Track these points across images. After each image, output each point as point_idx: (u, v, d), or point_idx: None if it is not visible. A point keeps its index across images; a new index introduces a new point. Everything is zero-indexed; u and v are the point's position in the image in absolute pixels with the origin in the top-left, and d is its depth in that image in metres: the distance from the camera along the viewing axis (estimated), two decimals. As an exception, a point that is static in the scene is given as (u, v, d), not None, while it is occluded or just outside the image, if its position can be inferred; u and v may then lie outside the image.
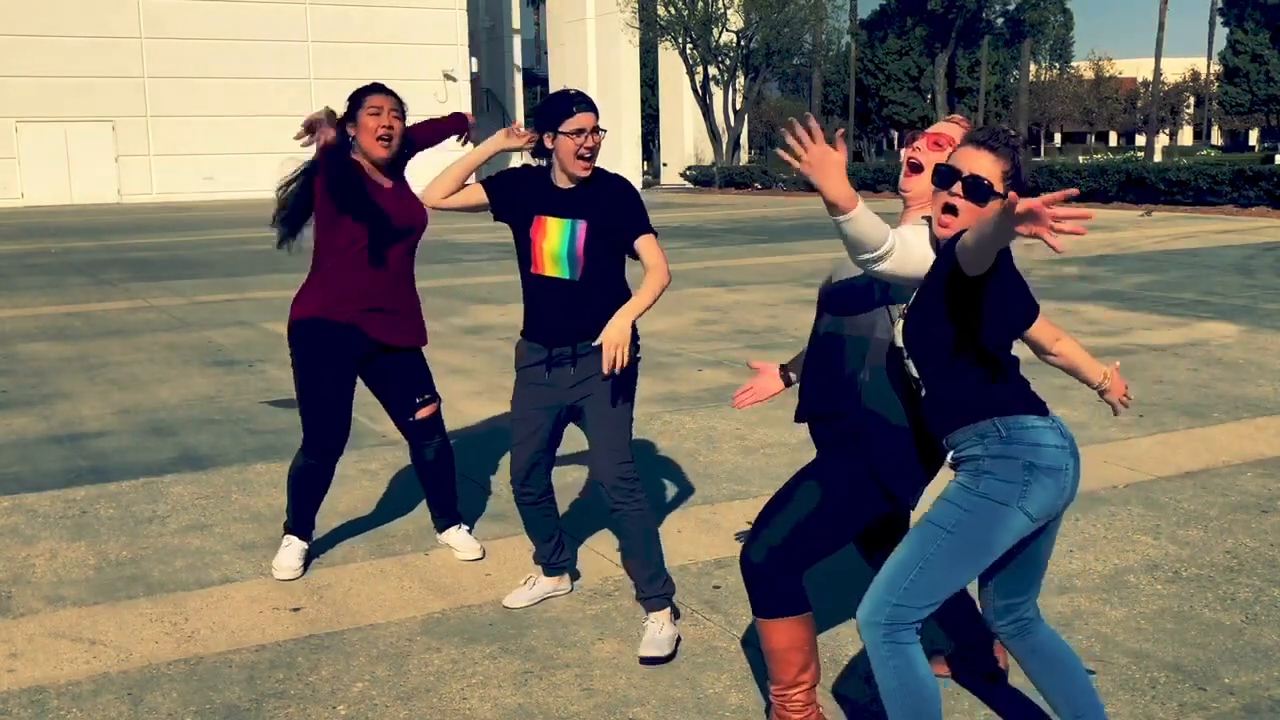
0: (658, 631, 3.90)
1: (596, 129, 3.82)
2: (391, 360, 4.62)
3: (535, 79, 67.96)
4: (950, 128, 3.11)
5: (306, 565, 4.73)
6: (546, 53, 62.42)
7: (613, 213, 3.83)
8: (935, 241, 2.94)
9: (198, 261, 18.30)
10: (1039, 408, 2.87)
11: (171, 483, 6.03)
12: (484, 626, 4.17)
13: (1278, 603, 4.25)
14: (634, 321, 3.74)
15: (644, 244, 3.85)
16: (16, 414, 7.72)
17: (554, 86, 56.54)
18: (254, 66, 43.59)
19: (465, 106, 46.38)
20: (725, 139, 46.15)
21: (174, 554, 4.95)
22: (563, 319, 3.88)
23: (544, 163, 3.90)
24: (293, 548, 4.65)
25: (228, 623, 4.21)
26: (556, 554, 4.30)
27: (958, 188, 2.84)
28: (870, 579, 4.42)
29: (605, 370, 3.67)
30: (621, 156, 51.60)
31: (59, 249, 21.19)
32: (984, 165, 2.84)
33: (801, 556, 3.12)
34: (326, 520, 5.37)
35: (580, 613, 4.27)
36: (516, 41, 55.39)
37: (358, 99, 4.47)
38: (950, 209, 2.85)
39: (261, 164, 43.86)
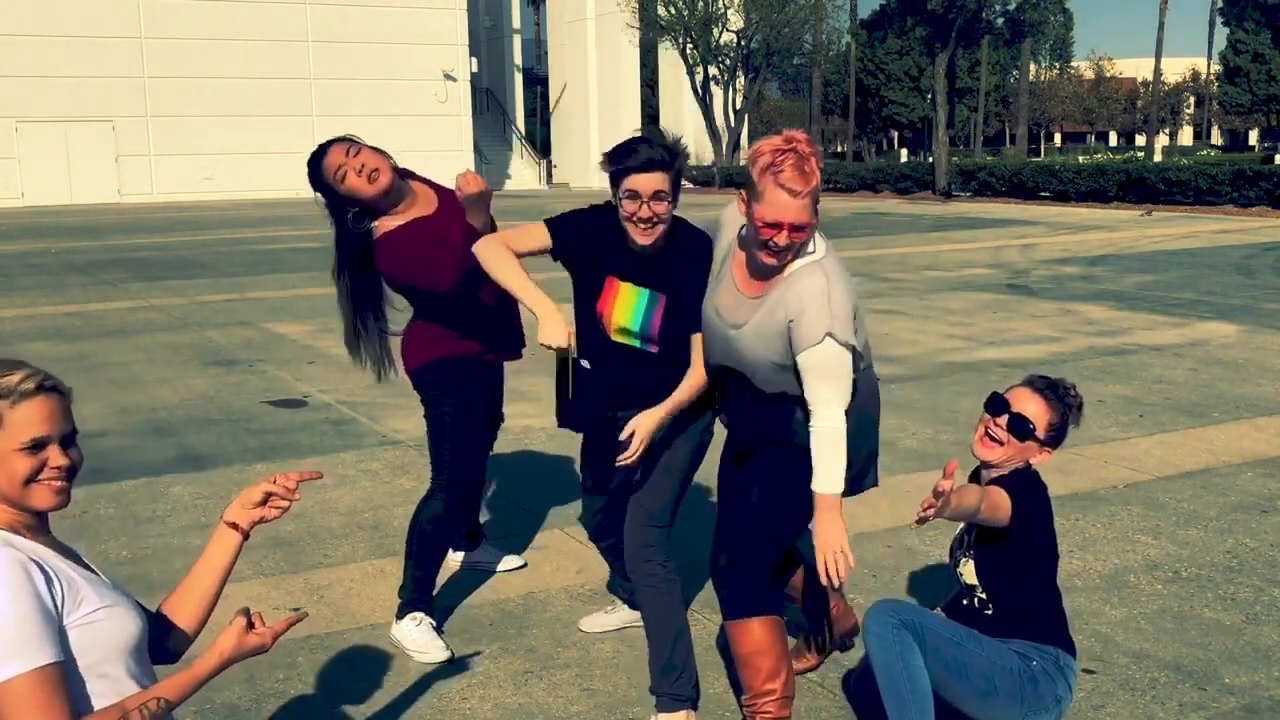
0: None
1: (660, 195, 3.11)
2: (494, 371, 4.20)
3: (535, 79, 67.93)
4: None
5: (301, 569, 4.73)
6: (546, 53, 62.42)
7: (684, 287, 3.26)
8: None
9: (198, 261, 18.29)
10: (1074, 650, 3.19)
11: (171, 483, 6.02)
12: (484, 626, 4.16)
13: (1278, 603, 4.25)
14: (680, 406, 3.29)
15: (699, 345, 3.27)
16: (16, 414, 7.70)
17: (554, 87, 56.52)
18: (254, 66, 43.54)
19: (465, 106, 46.36)
20: (725, 139, 46.13)
21: (174, 554, 4.94)
22: (634, 386, 3.34)
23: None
24: (425, 624, 3.96)
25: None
26: None
27: (1003, 419, 3.10)
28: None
29: (622, 459, 3.16)
30: (621, 156, 51.50)
31: (59, 249, 21.19)
32: (1033, 409, 3.11)
33: (763, 558, 3.16)
34: (326, 520, 5.37)
35: (580, 612, 4.27)
36: (516, 41, 55.34)
37: (317, 177, 3.83)
38: (994, 438, 3.12)
39: (261, 164, 43.84)
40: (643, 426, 3.16)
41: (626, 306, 3.25)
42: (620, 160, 3.11)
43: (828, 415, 2.95)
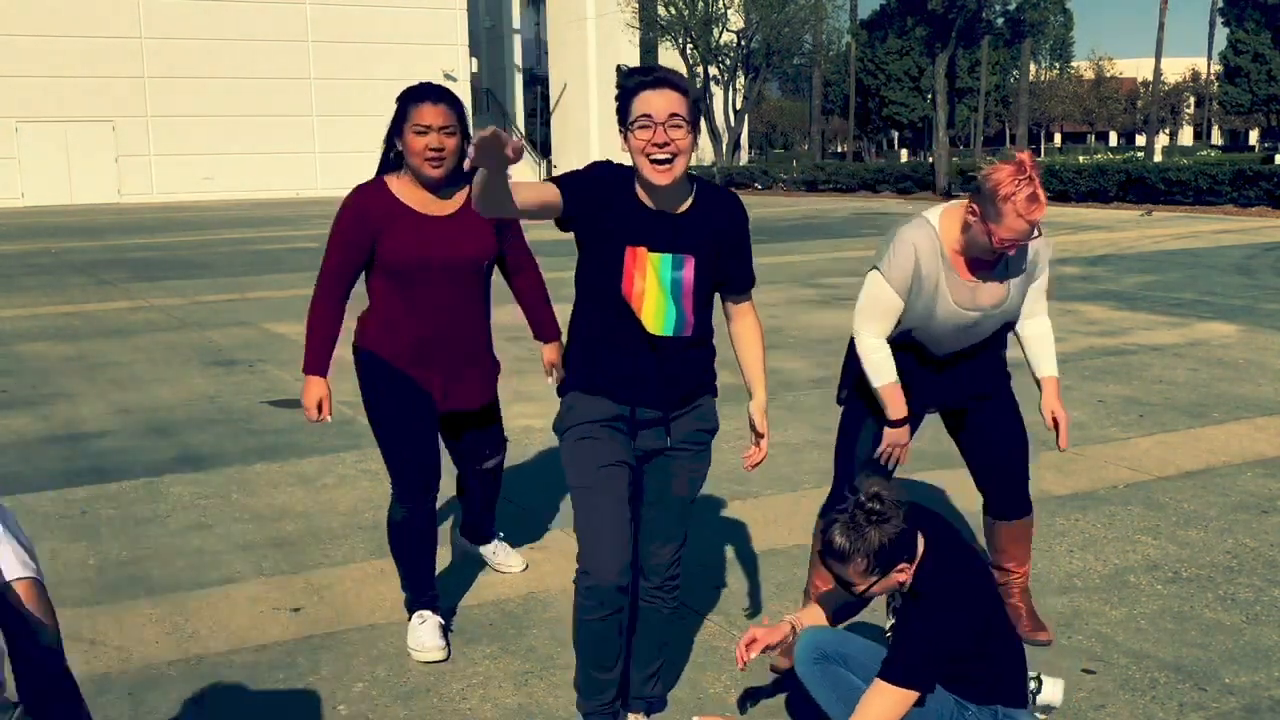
0: None
1: (676, 120, 2.79)
2: (460, 415, 4.10)
3: (535, 79, 67.93)
4: None
5: (298, 572, 4.72)
6: (546, 53, 62.41)
7: (721, 249, 3.02)
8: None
9: (198, 261, 18.30)
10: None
11: (171, 483, 6.03)
12: (484, 626, 4.16)
13: (1278, 603, 4.25)
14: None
15: (745, 311, 3.23)
16: (16, 414, 7.72)
17: (554, 87, 56.52)
18: (254, 66, 43.57)
19: (465, 106, 46.31)
20: (725, 139, 46.13)
21: (174, 554, 4.94)
22: (663, 377, 3.04)
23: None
24: (429, 624, 3.92)
25: (228, 623, 4.21)
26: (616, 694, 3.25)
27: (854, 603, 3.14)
28: None
29: (754, 462, 3.18)
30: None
31: (59, 249, 21.19)
32: (850, 576, 2.79)
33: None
34: (326, 520, 5.37)
35: (580, 613, 4.26)
36: (516, 41, 55.37)
37: (403, 109, 3.69)
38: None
39: (261, 164, 43.85)
40: (762, 421, 3.24)
41: (656, 282, 2.93)
42: (631, 76, 2.85)
43: (1048, 316, 3.82)
